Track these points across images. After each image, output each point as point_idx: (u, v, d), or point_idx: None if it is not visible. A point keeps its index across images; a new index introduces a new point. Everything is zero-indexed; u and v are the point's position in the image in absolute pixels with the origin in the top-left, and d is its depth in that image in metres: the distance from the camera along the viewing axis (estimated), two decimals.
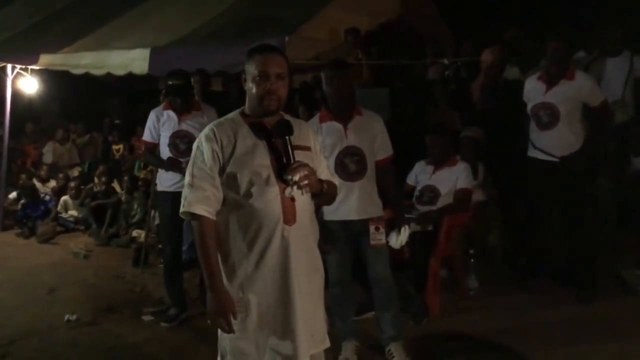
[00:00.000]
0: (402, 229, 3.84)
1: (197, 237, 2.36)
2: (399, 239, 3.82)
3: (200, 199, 2.31)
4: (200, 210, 2.31)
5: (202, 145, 2.35)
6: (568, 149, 4.44)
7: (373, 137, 3.55)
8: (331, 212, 3.49)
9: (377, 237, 3.53)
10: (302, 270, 2.37)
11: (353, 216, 3.52)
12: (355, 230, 3.56)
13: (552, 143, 4.48)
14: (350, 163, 3.49)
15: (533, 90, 4.59)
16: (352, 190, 3.49)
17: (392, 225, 3.86)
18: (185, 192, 2.35)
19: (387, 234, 3.67)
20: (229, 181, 2.33)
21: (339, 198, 3.38)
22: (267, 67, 2.31)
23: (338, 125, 3.51)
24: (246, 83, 2.38)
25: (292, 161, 2.27)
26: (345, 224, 3.54)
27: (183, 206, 2.35)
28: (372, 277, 3.65)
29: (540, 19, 7.60)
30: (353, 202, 3.49)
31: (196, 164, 2.35)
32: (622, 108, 5.29)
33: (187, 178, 2.37)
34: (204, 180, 2.32)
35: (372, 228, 3.52)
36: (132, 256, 6.26)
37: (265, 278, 2.33)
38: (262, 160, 2.33)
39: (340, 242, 3.56)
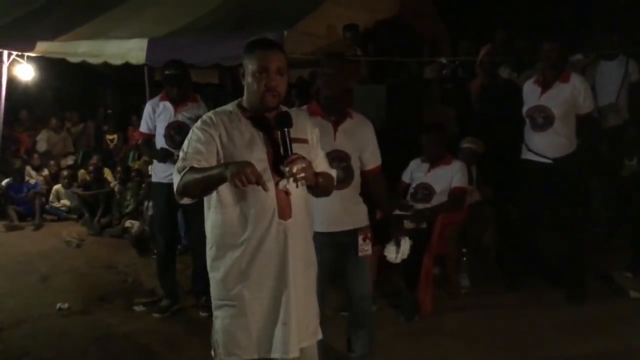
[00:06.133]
0: (402, 241, 3.50)
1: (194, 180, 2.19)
2: (399, 251, 3.49)
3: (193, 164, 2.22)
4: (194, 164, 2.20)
5: (199, 128, 2.30)
6: (561, 150, 4.47)
7: (363, 144, 3.24)
8: (315, 224, 2.89)
9: (364, 248, 3.25)
10: (299, 264, 2.35)
11: (338, 227, 3.20)
12: (339, 241, 3.22)
13: (546, 145, 4.50)
14: (337, 169, 2.95)
15: (529, 93, 4.61)
16: (336, 199, 3.00)
17: (389, 238, 3.55)
18: (178, 165, 2.25)
19: (373, 244, 3.34)
20: None
21: (321, 207, 2.96)
22: (268, 63, 2.26)
23: (327, 124, 3.15)
24: (245, 78, 2.33)
25: (290, 153, 2.21)
26: (329, 235, 3.14)
27: (176, 180, 2.22)
28: (351, 293, 3.35)
29: (538, 20, 7.63)
30: (339, 212, 3.17)
31: (191, 144, 2.27)
32: (616, 111, 5.34)
33: (180, 156, 2.28)
34: (198, 154, 2.24)
35: (360, 239, 3.23)
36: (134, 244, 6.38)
37: (260, 274, 2.30)
38: (259, 154, 2.29)
39: (323, 252, 2.88)
